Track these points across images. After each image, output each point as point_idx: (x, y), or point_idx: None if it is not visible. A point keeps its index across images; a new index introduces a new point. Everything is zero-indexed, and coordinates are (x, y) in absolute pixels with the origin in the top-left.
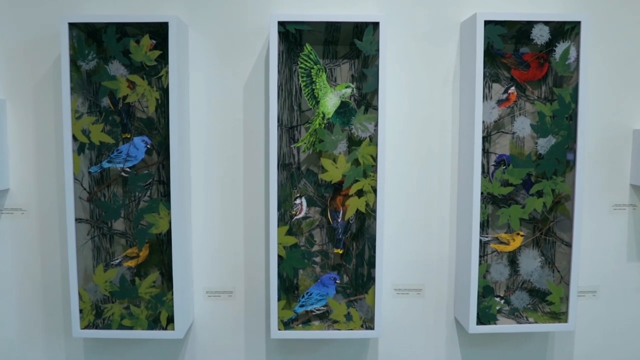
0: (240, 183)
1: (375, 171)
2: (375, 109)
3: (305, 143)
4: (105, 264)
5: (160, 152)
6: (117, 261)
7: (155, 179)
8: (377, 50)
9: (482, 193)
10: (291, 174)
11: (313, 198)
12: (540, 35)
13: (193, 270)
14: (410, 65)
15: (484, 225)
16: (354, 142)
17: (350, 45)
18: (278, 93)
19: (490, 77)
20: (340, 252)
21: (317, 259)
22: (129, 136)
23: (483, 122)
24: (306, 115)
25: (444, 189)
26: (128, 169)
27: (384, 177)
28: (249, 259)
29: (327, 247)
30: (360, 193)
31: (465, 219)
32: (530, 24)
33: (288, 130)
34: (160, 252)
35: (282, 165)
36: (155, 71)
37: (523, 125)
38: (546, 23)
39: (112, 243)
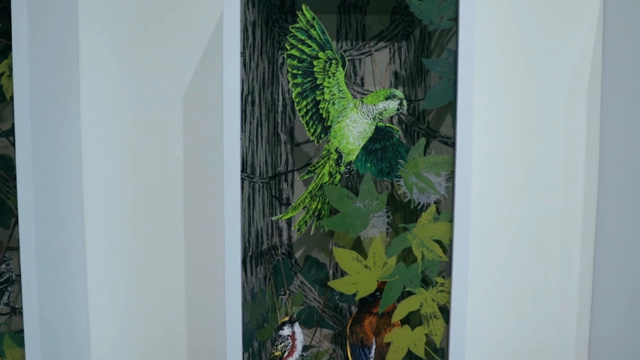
0: (172, 291)
1: (448, 273)
2: (450, 143)
3: (299, 218)
4: None
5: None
6: None
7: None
8: (456, 19)
9: None
10: (274, 267)
11: (319, 316)
12: None
13: None
14: (518, 53)
15: None
16: (402, 214)
17: (392, 13)
18: (244, 109)
19: None
20: None
21: None
22: None
23: None
24: (303, 153)
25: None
26: None
27: (465, 291)
28: None
29: None
30: (414, 319)
31: None
32: None
33: (266, 185)
34: None
35: (256, 255)
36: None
37: None
38: None
39: None
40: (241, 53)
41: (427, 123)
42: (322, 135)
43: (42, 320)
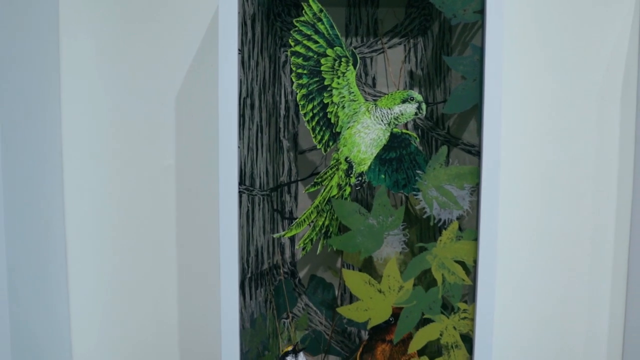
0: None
1: (472, 299)
2: (474, 151)
3: (305, 236)
4: None
5: None
6: None
7: None
8: (481, 12)
9: None
10: (275, 288)
11: (326, 342)
12: None
13: None
14: (548, 50)
15: None
16: (420, 231)
17: (408, 6)
18: (242, 114)
19: None
20: None
21: None
22: None
23: None
24: (308, 162)
25: None
26: None
27: (491, 318)
28: None
29: None
30: (434, 349)
31: None
32: None
33: (267, 197)
34: None
35: (256, 277)
36: None
37: None
38: None
39: None
40: (239, 50)
41: (447, 129)
42: (330, 143)
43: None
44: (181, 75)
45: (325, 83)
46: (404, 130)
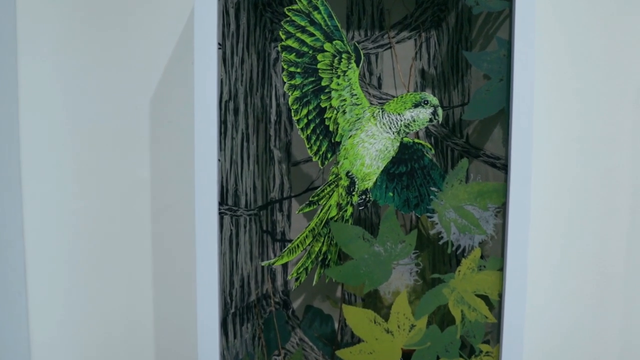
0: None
1: (496, 339)
2: (499, 165)
3: (298, 264)
4: None
5: None
6: None
7: None
8: None
9: None
10: (265, 321)
11: None
12: None
13: None
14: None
15: None
16: (436, 260)
17: None
18: (223, 120)
19: None
20: None
21: None
22: None
23: None
24: (303, 175)
25: None
26: None
27: None
28: None
29: None
30: None
31: None
32: None
33: (254, 217)
34: None
35: (241, 311)
36: None
37: None
38: None
39: None
40: (219, 44)
41: (465, 137)
42: (329, 155)
43: None
44: (157, 74)
45: (323, 84)
46: (416, 140)
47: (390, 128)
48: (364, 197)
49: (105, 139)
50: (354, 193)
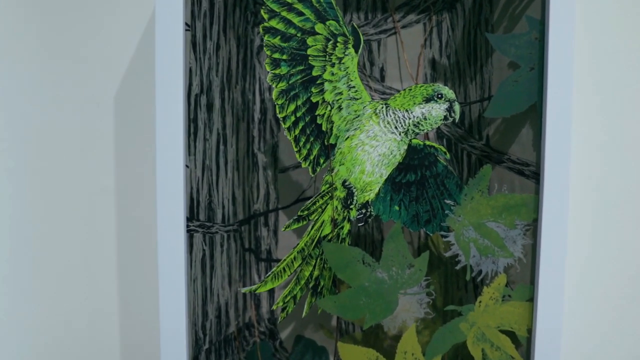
0: None
1: None
2: (528, 173)
3: (285, 291)
4: None
5: None
6: None
7: None
8: None
9: None
10: (248, 354)
11: None
12: None
13: None
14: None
15: None
16: (451, 288)
17: None
18: (193, 118)
19: None
20: None
21: None
22: None
23: None
24: (292, 183)
25: None
26: None
27: None
28: None
29: None
30: None
31: None
32: None
33: (234, 234)
34: None
35: (218, 346)
36: None
37: None
38: None
39: None
40: (187, 25)
41: (485, 139)
42: (321, 160)
43: None
44: (122, 69)
45: (314, 73)
46: (428, 142)
47: (396, 127)
48: (363, 211)
49: (65, 141)
50: (351, 207)
